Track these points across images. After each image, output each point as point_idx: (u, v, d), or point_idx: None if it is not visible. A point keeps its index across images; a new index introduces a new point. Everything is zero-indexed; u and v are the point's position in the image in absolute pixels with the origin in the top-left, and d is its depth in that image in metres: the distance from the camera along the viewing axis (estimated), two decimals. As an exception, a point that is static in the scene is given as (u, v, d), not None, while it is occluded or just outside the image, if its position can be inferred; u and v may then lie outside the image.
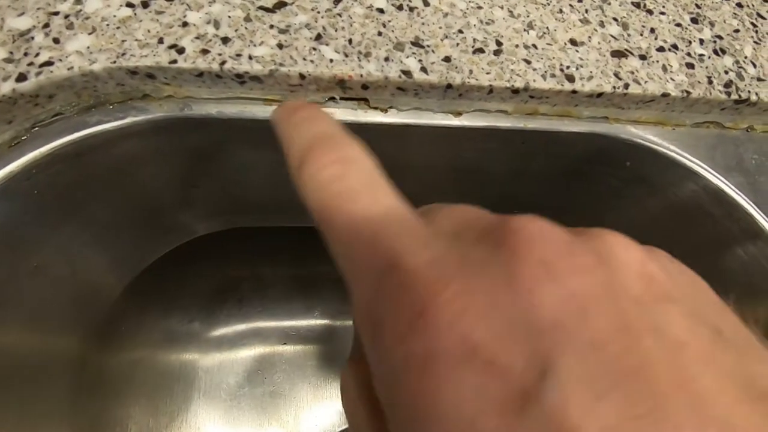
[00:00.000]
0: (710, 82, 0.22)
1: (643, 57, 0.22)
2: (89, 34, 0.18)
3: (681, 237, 0.26)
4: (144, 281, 0.30)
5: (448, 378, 0.08)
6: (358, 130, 0.21)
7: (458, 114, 0.21)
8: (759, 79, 0.23)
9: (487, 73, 0.20)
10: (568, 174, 0.25)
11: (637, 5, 0.24)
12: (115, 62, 0.17)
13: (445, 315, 0.09)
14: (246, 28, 0.19)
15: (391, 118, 0.21)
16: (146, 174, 0.23)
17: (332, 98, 0.20)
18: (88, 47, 0.17)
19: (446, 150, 0.23)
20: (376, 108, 0.21)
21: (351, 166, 0.12)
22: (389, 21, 0.20)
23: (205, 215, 0.29)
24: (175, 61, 0.18)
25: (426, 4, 0.21)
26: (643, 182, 0.24)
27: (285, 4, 0.20)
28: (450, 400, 0.08)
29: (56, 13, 0.18)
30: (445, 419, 0.08)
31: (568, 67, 0.21)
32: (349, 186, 0.12)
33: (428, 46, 0.20)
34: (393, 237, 0.10)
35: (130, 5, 0.18)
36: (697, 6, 0.24)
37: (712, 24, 0.24)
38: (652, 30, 0.23)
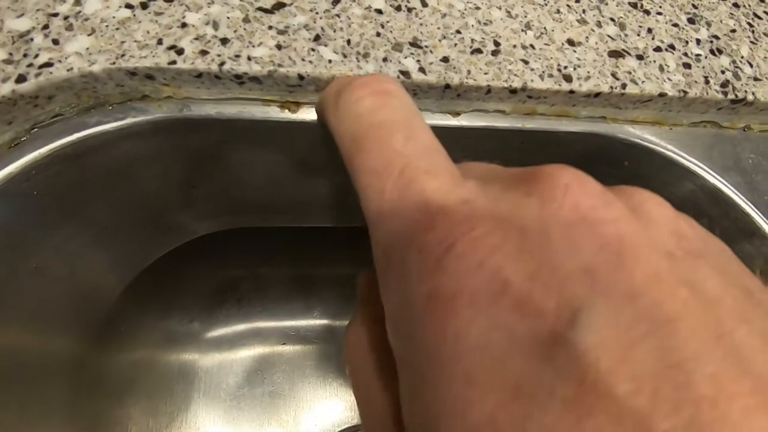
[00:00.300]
0: (707, 82, 0.22)
1: (640, 57, 0.22)
2: (88, 35, 0.18)
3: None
4: (144, 282, 0.30)
5: (476, 316, 0.08)
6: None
7: (457, 114, 0.21)
8: (755, 79, 0.23)
9: (485, 74, 0.20)
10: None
11: (634, 6, 0.24)
12: (114, 63, 0.17)
13: (476, 252, 0.08)
14: (245, 29, 0.19)
15: (390, 118, 0.21)
16: (146, 174, 0.23)
17: (331, 99, 0.20)
18: (88, 48, 0.18)
19: (445, 150, 0.23)
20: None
21: (389, 99, 0.12)
22: (387, 22, 0.20)
23: (204, 216, 0.29)
24: (174, 62, 0.18)
25: (424, 4, 0.21)
26: (641, 181, 0.24)
27: (283, 5, 0.20)
28: (476, 338, 0.08)
29: (55, 15, 0.18)
30: (469, 359, 0.08)
31: (565, 67, 0.21)
32: (387, 117, 0.11)
33: (426, 46, 0.20)
34: (425, 172, 0.10)
35: (129, 6, 0.18)
36: (694, 6, 0.25)
37: (708, 24, 0.24)
38: (649, 30, 0.23)
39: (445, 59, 0.20)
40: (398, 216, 0.10)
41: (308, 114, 0.20)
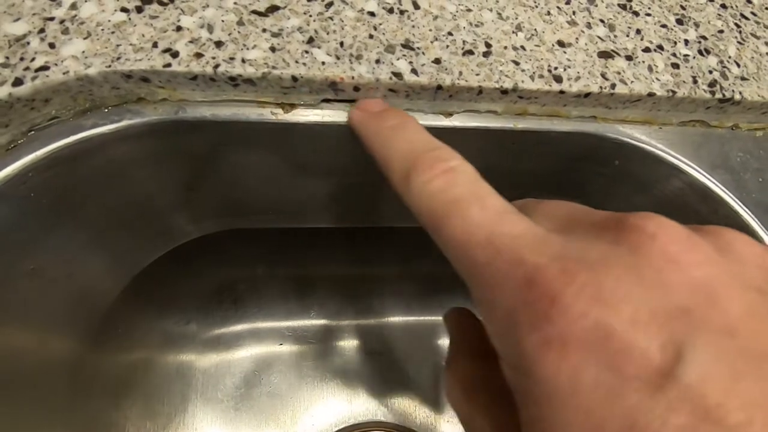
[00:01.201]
0: (695, 82, 0.23)
1: (629, 58, 0.22)
2: (84, 38, 0.18)
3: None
4: (141, 283, 0.30)
5: (586, 359, 0.09)
6: (350, 131, 0.21)
7: (449, 115, 0.22)
8: (743, 79, 0.23)
9: (477, 75, 0.20)
10: (558, 173, 0.26)
11: (624, 7, 0.24)
12: (110, 66, 0.18)
13: (578, 303, 0.09)
14: (239, 32, 0.19)
15: (383, 119, 0.21)
16: (142, 176, 0.23)
17: (325, 100, 0.20)
18: (84, 52, 0.18)
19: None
20: (368, 109, 0.21)
21: (456, 176, 0.13)
22: (380, 24, 0.21)
23: (201, 217, 0.29)
24: (169, 65, 0.18)
25: (416, 7, 0.21)
26: (632, 180, 0.25)
27: (277, 8, 0.20)
28: (590, 378, 0.09)
29: (52, 19, 0.18)
30: (586, 396, 0.09)
31: (555, 68, 0.21)
32: (458, 195, 0.12)
33: (418, 48, 0.20)
34: (509, 237, 0.11)
35: (124, 10, 0.19)
36: (682, 8, 0.25)
37: (696, 25, 0.24)
38: (638, 31, 0.23)
39: (437, 61, 0.20)
40: (496, 278, 0.11)
41: (302, 116, 0.20)
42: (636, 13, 0.24)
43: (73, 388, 0.28)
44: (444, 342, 0.42)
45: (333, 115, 0.21)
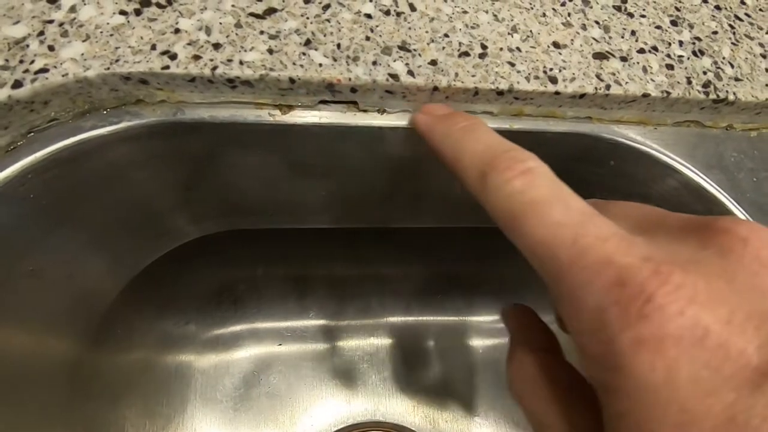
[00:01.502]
0: (689, 83, 0.23)
1: (624, 59, 0.23)
2: (83, 41, 0.18)
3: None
4: (140, 284, 0.30)
5: (684, 356, 0.09)
6: (348, 132, 0.22)
7: (445, 116, 0.22)
8: (736, 79, 0.24)
9: (473, 76, 0.20)
10: (555, 173, 0.26)
11: (618, 9, 0.24)
12: (108, 68, 0.18)
13: (674, 303, 0.09)
14: (237, 34, 0.19)
15: (380, 120, 0.21)
16: (141, 178, 0.23)
17: (322, 101, 0.21)
18: (83, 54, 0.18)
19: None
20: (365, 111, 0.21)
21: (535, 177, 0.13)
22: (377, 26, 0.21)
23: (200, 218, 0.29)
24: (167, 67, 0.18)
25: (413, 9, 0.22)
26: (627, 180, 0.25)
27: (275, 11, 0.20)
28: (687, 374, 0.09)
29: (51, 21, 0.18)
30: (682, 390, 0.09)
31: (551, 69, 0.21)
32: (538, 196, 0.12)
33: (415, 50, 0.21)
34: (596, 238, 0.11)
35: (123, 13, 0.19)
36: (677, 9, 0.25)
37: (691, 26, 0.25)
38: (633, 32, 0.24)
39: (434, 62, 0.20)
40: (582, 277, 0.11)
41: (300, 117, 0.21)
42: (630, 15, 0.24)
43: (72, 389, 0.28)
44: (444, 342, 0.42)
45: (330, 116, 0.21)
